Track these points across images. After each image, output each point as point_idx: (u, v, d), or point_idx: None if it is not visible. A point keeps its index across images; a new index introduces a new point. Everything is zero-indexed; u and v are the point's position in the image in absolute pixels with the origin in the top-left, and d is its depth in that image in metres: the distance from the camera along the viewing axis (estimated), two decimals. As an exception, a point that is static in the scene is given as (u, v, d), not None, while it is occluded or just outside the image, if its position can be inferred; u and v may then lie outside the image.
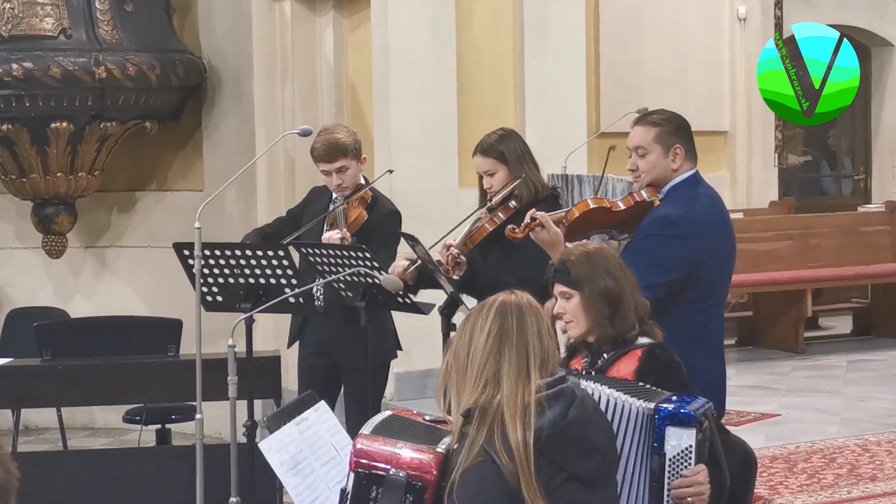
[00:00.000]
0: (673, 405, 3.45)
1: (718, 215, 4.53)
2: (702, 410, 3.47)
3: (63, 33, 8.41)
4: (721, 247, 4.49)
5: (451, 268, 5.06)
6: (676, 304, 4.31)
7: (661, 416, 3.43)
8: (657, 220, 4.38)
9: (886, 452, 6.47)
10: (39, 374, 6.35)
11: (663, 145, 4.45)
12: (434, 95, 8.31)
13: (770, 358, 9.44)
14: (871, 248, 10.36)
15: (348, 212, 5.64)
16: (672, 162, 4.45)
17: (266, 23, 8.84)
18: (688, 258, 4.32)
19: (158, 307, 8.57)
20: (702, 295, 4.40)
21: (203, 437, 5.26)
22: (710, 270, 4.40)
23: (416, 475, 3.15)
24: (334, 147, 5.68)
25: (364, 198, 5.73)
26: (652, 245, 4.32)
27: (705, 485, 3.46)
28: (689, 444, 3.43)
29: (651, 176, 4.47)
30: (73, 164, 8.72)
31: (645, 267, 4.08)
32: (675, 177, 4.47)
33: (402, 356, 7.48)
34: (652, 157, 4.46)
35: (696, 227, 4.36)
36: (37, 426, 9.12)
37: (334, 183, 5.70)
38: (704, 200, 4.48)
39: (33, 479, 6.20)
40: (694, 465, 3.44)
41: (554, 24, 8.63)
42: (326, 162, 5.68)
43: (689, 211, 4.38)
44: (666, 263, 4.29)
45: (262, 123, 8.80)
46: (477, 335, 3.21)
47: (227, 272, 5.30)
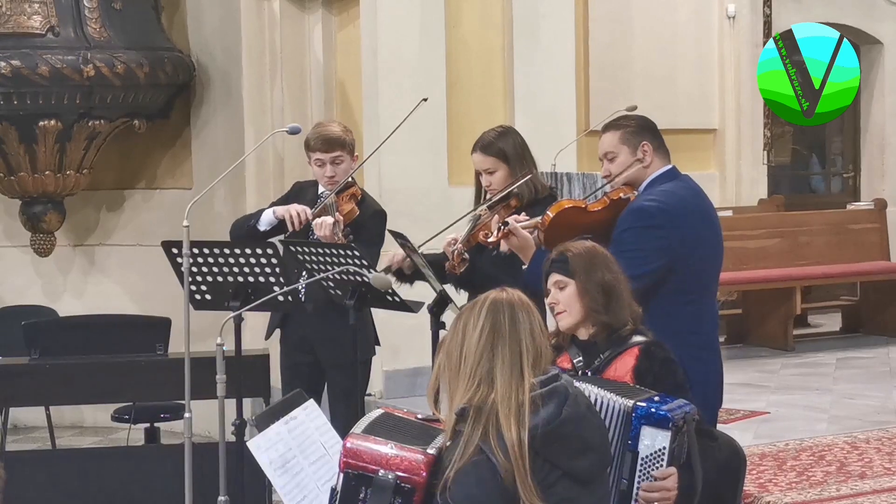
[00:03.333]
0: (651, 405, 3.46)
1: (698, 206, 4.54)
2: (680, 414, 3.48)
3: (51, 31, 8.40)
4: (704, 238, 4.51)
5: (457, 263, 5.06)
6: (665, 296, 4.34)
7: (638, 415, 3.46)
8: (632, 212, 4.42)
9: (875, 450, 6.47)
10: (28, 373, 6.34)
11: (629, 145, 4.51)
12: (423, 93, 8.25)
13: (759, 355, 9.44)
14: (860, 246, 10.38)
15: (340, 205, 5.63)
16: (643, 160, 4.50)
17: (255, 20, 8.83)
18: (665, 248, 4.34)
19: (147, 306, 8.56)
20: (689, 286, 4.42)
21: (192, 435, 5.25)
22: (693, 260, 4.42)
23: (405, 477, 3.15)
24: (333, 137, 5.70)
25: (354, 194, 5.73)
26: (629, 237, 4.35)
27: (672, 490, 3.47)
28: (663, 446, 3.46)
29: (624, 177, 4.52)
30: (61, 163, 8.70)
31: (623, 259, 4.10)
32: (650, 174, 4.52)
33: (392, 354, 7.48)
34: (621, 157, 4.53)
35: (673, 216, 4.39)
36: (25, 425, 9.09)
37: (327, 174, 5.69)
38: (682, 192, 4.51)
39: (21, 478, 6.19)
40: (666, 467, 3.46)
41: (543, 22, 8.62)
42: (323, 151, 5.68)
43: (664, 202, 4.41)
44: (643, 255, 4.31)
45: (251, 121, 8.79)
46: (469, 333, 3.21)
47: (216, 270, 5.29)
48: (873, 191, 11.73)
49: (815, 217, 10.52)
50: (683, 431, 3.48)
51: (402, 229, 5.38)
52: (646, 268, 4.28)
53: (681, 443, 3.48)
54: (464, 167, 6.04)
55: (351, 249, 5.15)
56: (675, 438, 3.46)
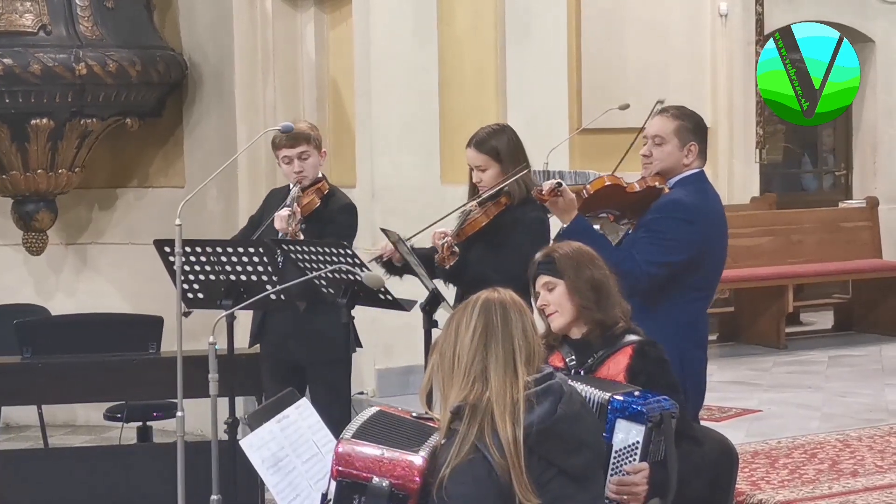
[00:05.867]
0: (628, 399, 3.48)
1: (720, 213, 4.73)
2: (657, 410, 3.49)
3: (43, 29, 8.39)
4: (721, 242, 4.70)
5: (447, 256, 5.06)
6: (679, 289, 4.52)
7: (614, 408, 3.49)
8: (670, 203, 4.56)
9: (867, 447, 6.48)
10: (20, 372, 6.32)
11: (680, 139, 4.64)
12: (416, 92, 8.30)
13: (751, 354, 9.45)
14: (852, 244, 10.39)
15: (302, 198, 5.67)
16: (685, 157, 4.64)
17: (247, 19, 8.82)
18: (693, 242, 4.50)
19: (139, 304, 8.54)
20: (701, 283, 4.61)
21: (184, 434, 5.24)
22: (710, 260, 4.61)
23: (400, 484, 3.14)
24: (297, 132, 5.73)
25: (320, 188, 5.76)
26: (662, 226, 4.50)
27: (641, 486, 3.48)
28: (637, 440, 3.49)
29: (663, 165, 4.65)
30: (53, 161, 8.69)
31: (652, 245, 4.42)
32: (684, 171, 4.65)
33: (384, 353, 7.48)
34: (668, 147, 4.64)
35: (704, 215, 4.57)
36: (17, 424, 9.08)
37: (295, 170, 5.74)
38: (712, 196, 4.71)
39: (13, 476, 6.18)
40: (639, 461, 3.47)
41: (536, 20, 8.62)
42: (289, 147, 5.74)
43: (699, 200, 4.59)
44: (673, 244, 4.48)
45: (244, 120, 8.78)
46: (462, 333, 3.22)
47: (209, 269, 5.29)
48: (865, 189, 11.74)
49: (807, 215, 10.54)
50: (661, 428, 3.49)
51: (395, 227, 5.38)
52: (673, 257, 4.47)
53: (657, 439, 3.50)
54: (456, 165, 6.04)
55: (343, 248, 5.16)
56: (651, 434, 3.48)
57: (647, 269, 4.41)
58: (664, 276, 4.46)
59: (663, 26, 10.59)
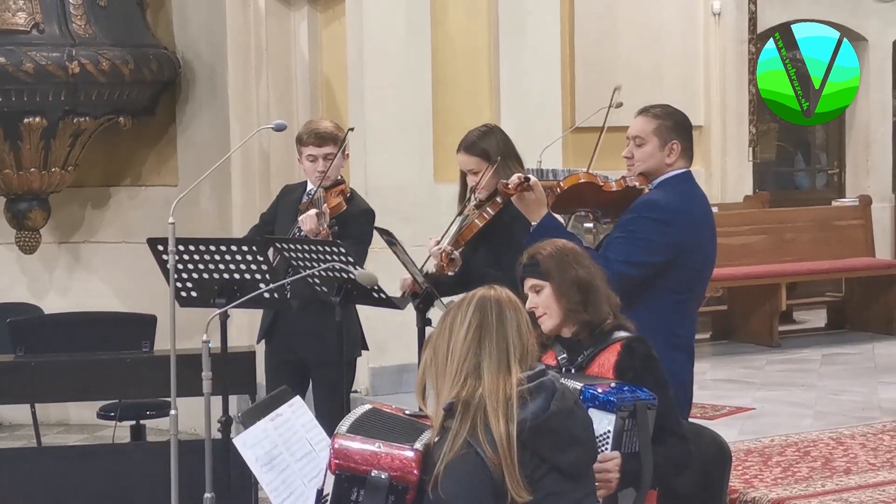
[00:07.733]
0: (600, 390, 3.50)
1: (704, 215, 4.62)
2: (630, 400, 3.50)
3: (36, 28, 8.37)
4: (704, 245, 4.59)
5: (446, 264, 5.05)
6: (660, 290, 4.42)
7: (585, 398, 3.50)
8: (646, 203, 4.47)
9: (860, 445, 6.49)
10: (13, 371, 6.32)
11: (661, 138, 4.55)
12: (409, 90, 8.30)
13: (744, 352, 9.46)
14: (845, 242, 10.41)
15: (328, 199, 5.63)
16: (667, 156, 4.54)
17: (240, 17, 8.81)
18: (670, 244, 4.41)
19: (132, 303, 8.54)
20: (683, 286, 4.49)
21: (178, 433, 5.23)
22: (692, 262, 4.50)
23: (399, 476, 3.16)
24: (325, 133, 5.72)
25: (343, 190, 5.74)
26: (635, 225, 4.42)
27: (613, 472, 3.50)
28: (608, 430, 3.50)
29: (645, 166, 4.57)
30: (46, 160, 8.67)
31: (628, 244, 4.30)
32: (668, 171, 4.56)
33: (378, 351, 7.46)
34: (648, 147, 4.55)
35: (682, 217, 4.46)
36: (10, 423, 9.07)
37: (318, 169, 5.68)
38: (694, 197, 4.59)
39: (7, 475, 6.18)
40: (610, 451, 3.48)
41: (529, 18, 8.62)
42: (316, 146, 5.70)
43: (677, 201, 4.48)
44: (645, 244, 4.39)
45: (237, 118, 8.77)
46: (456, 330, 3.23)
47: (202, 267, 5.29)
48: (858, 187, 11.76)
49: (800, 214, 10.55)
50: (635, 419, 3.50)
51: (388, 226, 5.38)
52: (648, 258, 4.38)
53: (630, 430, 3.51)
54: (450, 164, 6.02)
55: (336, 246, 5.15)
56: (623, 424, 3.49)
57: (618, 268, 4.27)
58: (638, 277, 4.35)
59: (657, 25, 10.60)
